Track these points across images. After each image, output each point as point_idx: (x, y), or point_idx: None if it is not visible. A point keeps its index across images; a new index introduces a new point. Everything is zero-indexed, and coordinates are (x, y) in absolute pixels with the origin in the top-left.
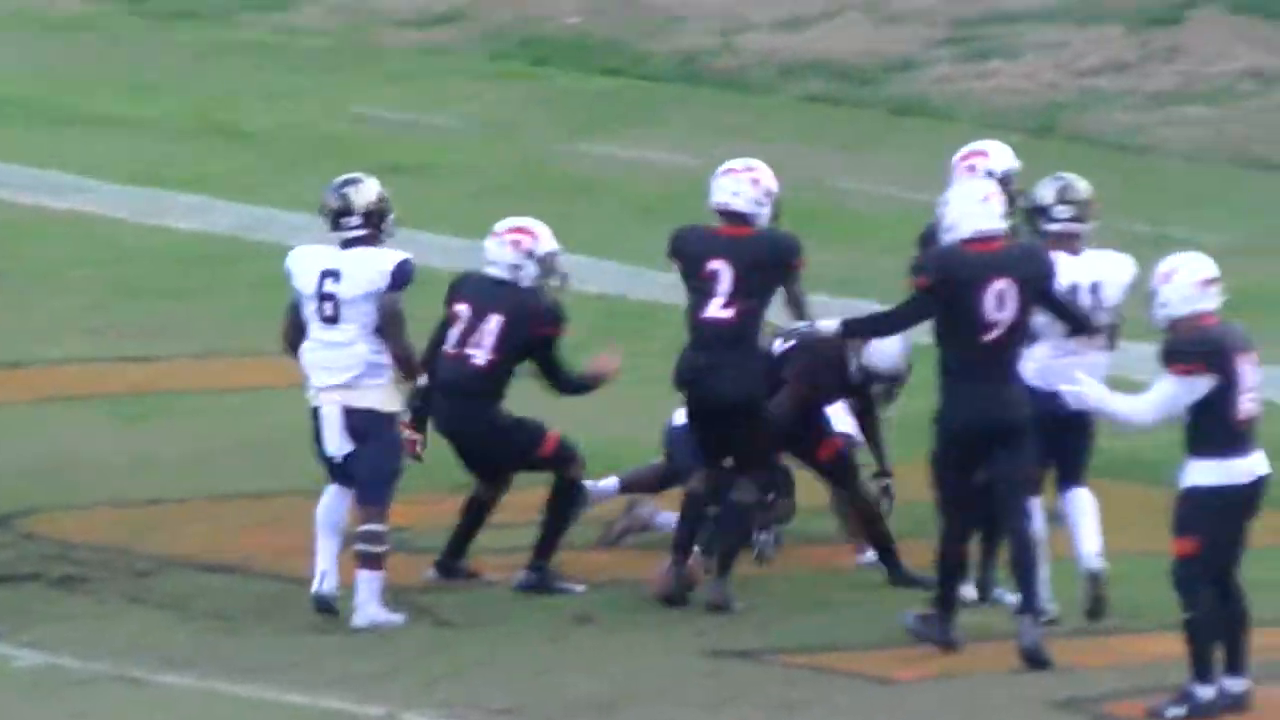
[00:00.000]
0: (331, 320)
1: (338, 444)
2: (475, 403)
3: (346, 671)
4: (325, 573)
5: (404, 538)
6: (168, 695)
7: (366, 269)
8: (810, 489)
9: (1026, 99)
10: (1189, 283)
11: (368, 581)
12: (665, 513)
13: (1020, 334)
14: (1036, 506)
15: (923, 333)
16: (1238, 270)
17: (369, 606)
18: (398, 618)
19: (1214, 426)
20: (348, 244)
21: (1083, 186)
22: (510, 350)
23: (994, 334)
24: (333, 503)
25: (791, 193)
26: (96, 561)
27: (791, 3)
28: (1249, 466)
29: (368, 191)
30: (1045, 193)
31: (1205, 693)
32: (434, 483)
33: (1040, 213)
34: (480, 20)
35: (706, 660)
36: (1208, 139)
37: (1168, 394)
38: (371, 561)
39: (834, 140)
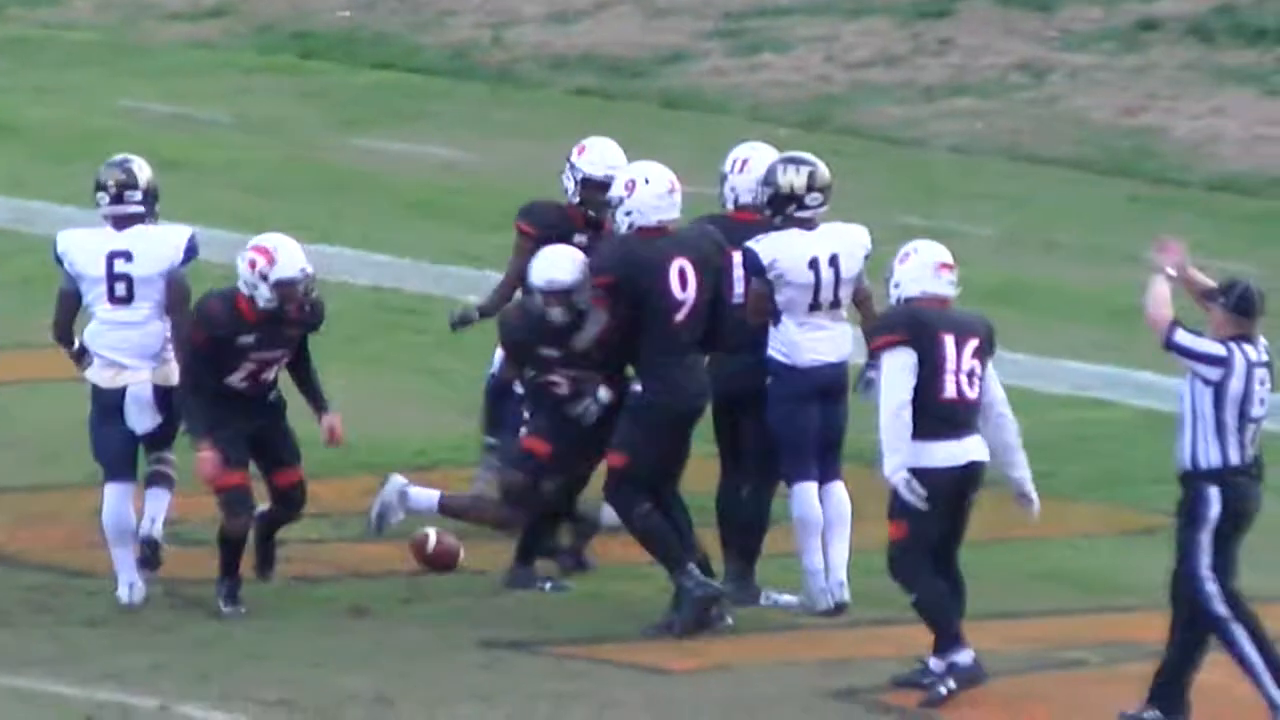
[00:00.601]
0: (125, 300)
1: (150, 420)
2: None
3: (120, 664)
4: (133, 584)
5: (178, 531)
6: (51, 710)
7: (159, 246)
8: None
9: (797, 92)
10: (923, 264)
11: (158, 498)
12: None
13: (706, 312)
14: (808, 491)
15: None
16: (1006, 263)
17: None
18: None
19: (921, 407)
20: (124, 223)
21: (824, 169)
22: None
23: (683, 314)
24: (120, 506)
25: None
26: None
27: None
28: (959, 451)
29: (147, 169)
30: (795, 180)
31: (963, 658)
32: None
33: (790, 200)
34: (250, 14)
35: (481, 652)
36: (978, 132)
37: (886, 375)
38: (165, 481)
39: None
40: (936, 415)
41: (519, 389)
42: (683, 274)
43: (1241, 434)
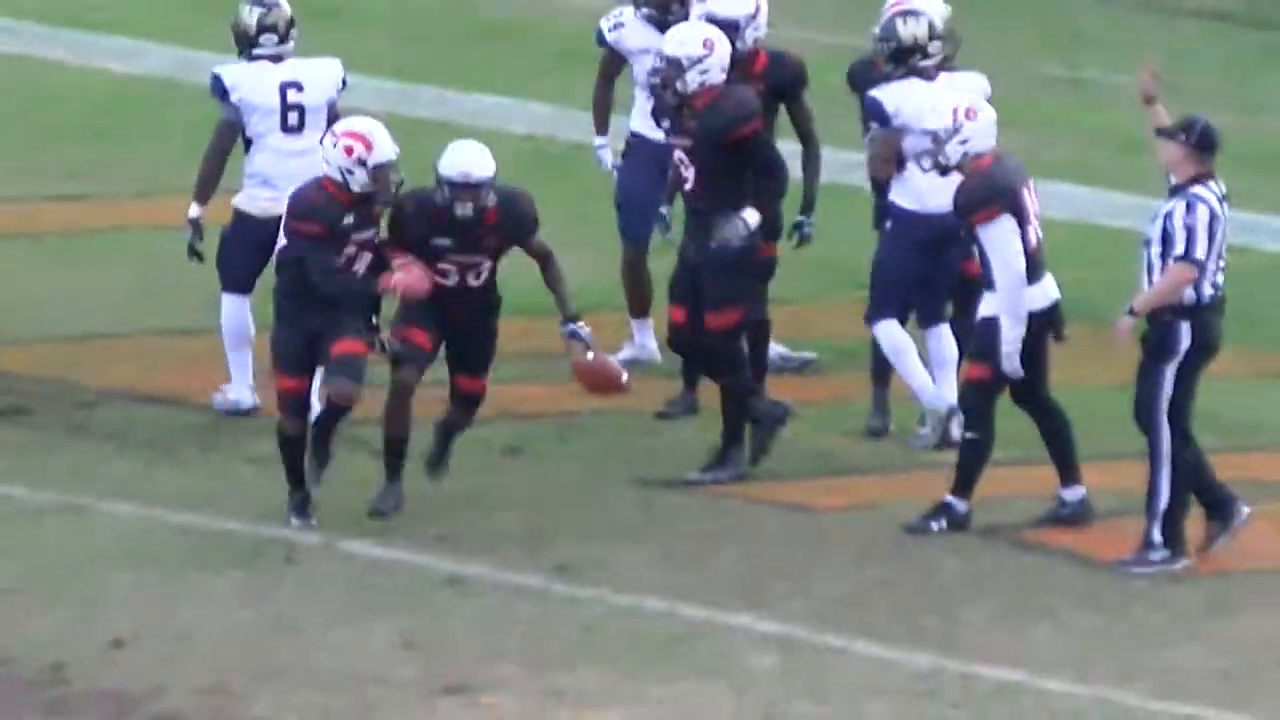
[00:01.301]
0: (296, 129)
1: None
2: None
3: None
4: (252, 388)
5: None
6: (111, 522)
7: (324, 77)
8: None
9: None
10: (989, 121)
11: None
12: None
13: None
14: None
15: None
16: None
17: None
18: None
19: None
20: (280, 60)
21: (939, 17)
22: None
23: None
24: (239, 313)
25: None
26: (38, 394)
27: None
28: (1040, 294)
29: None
30: (916, 30)
31: (961, 507)
32: None
33: (913, 50)
34: None
35: (634, 490)
36: None
37: (999, 246)
38: None
39: None
40: (1027, 264)
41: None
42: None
43: (1215, 271)
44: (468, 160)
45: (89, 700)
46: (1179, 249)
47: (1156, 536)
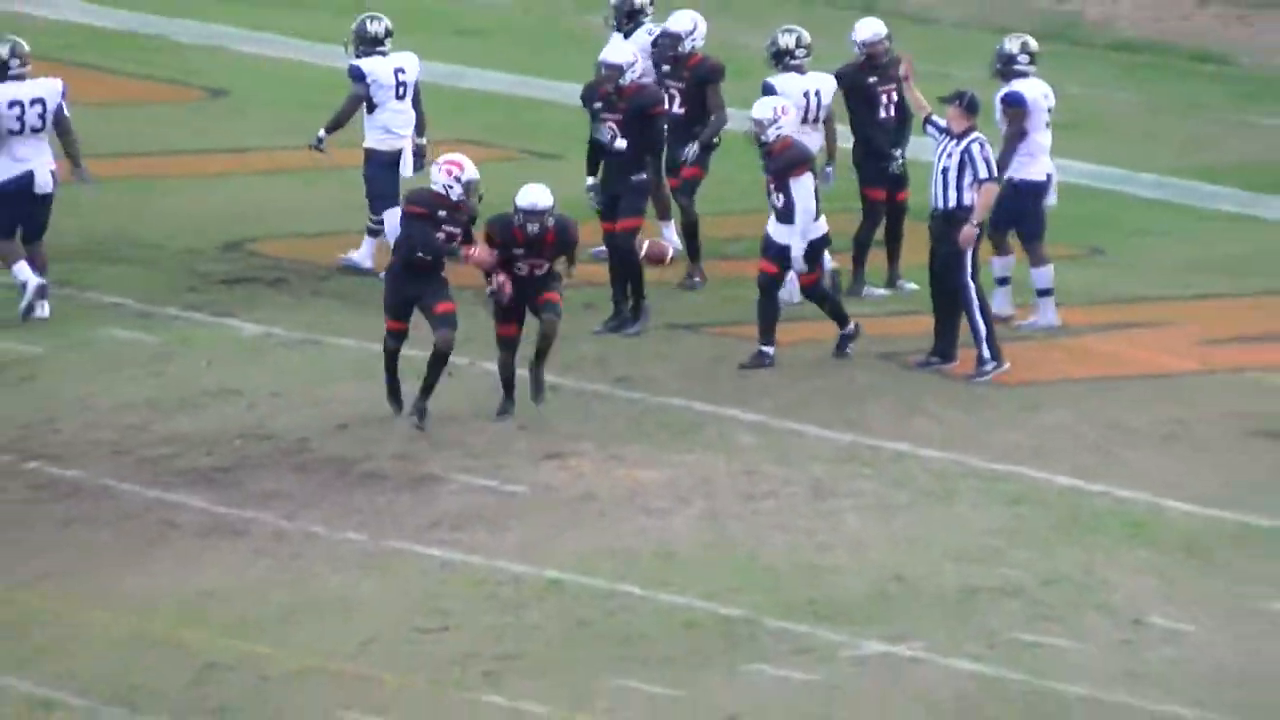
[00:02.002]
0: (402, 98)
1: (410, 169)
2: None
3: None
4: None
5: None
6: (339, 352)
7: (413, 63)
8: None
9: None
10: (795, 116)
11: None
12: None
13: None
14: None
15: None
16: None
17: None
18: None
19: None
20: (387, 54)
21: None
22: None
23: None
24: (394, 215)
25: None
26: (292, 269)
27: None
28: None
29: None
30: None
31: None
32: None
33: (787, 53)
34: None
35: (665, 330)
36: None
37: (801, 195)
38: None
39: None
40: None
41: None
42: None
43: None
44: (536, 196)
45: (323, 462)
46: (983, 173)
47: (985, 353)
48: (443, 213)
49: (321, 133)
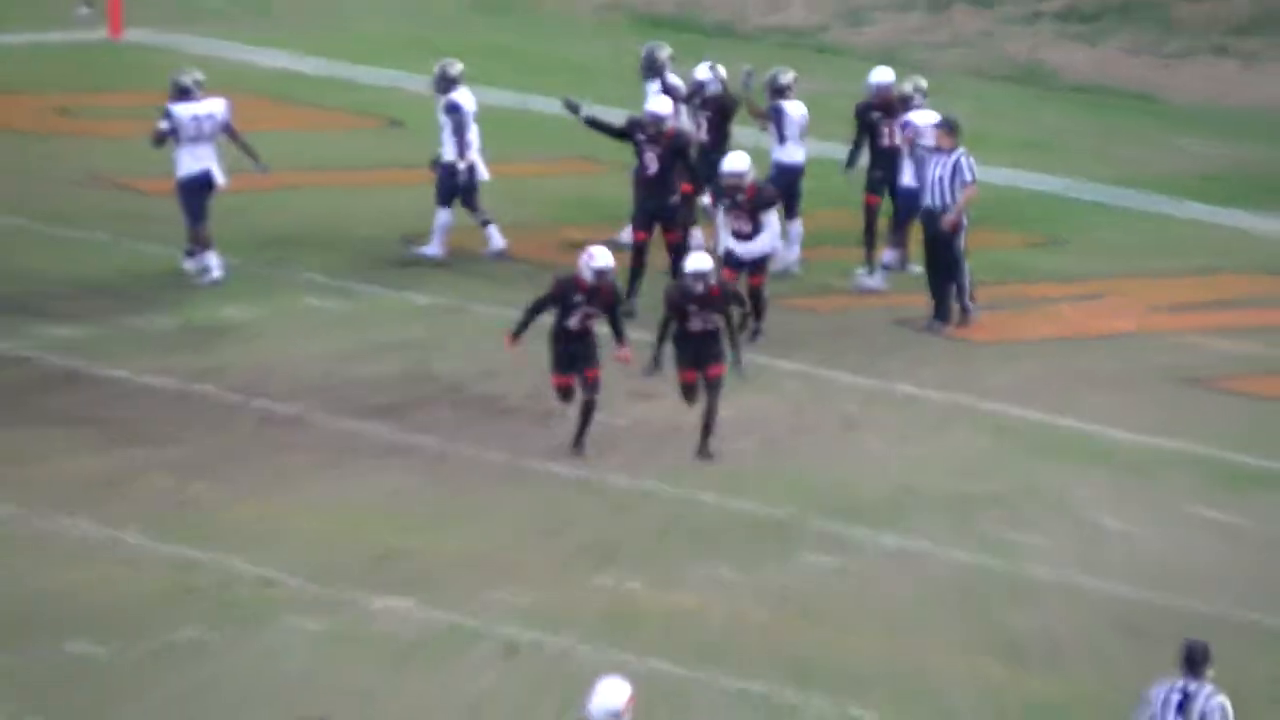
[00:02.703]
0: (476, 123)
1: (486, 173)
2: None
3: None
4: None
5: None
6: (483, 317)
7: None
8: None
9: None
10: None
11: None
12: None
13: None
14: None
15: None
16: None
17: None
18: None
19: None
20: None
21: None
22: None
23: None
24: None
25: None
26: (450, 255)
27: None
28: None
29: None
30: (786, 78)
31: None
32: None
33: (787, 89)
34: None
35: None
36: None
37: (771, 222)
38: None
39: None
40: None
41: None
42: None
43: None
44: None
45: (472, 400)
46: (968, 178)
47: (970, 303)
48: (579, 297)
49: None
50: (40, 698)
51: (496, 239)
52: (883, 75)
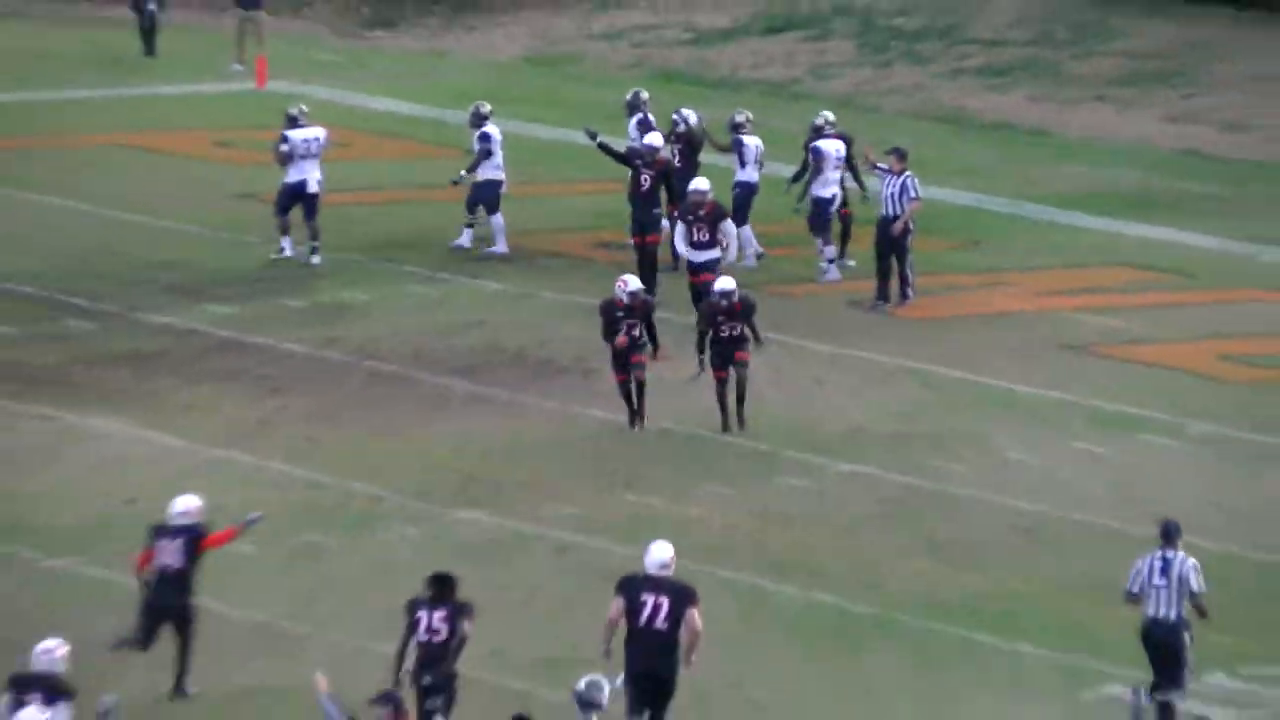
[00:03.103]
0: (501, 148)
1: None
2: None
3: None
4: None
5: None
6: (546, 301)
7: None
8: None
9: None
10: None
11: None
12: None
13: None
14: None
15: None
16: None
17: None
18: None
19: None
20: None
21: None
22: None
23: None
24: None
25: None
26: (515, 252)
27: None
28: None
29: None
30: (741, 118)
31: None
32: None
33: (744, 124)
34: None
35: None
36: None
37: (729, 233)
38: None
39: None
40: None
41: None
42: None
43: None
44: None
45: (533, 363)
46: (914, 194)
47: (910, 290)
48: (620, 313)
49: (463, 173)
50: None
51: (465, 238)
52: (824, 116)
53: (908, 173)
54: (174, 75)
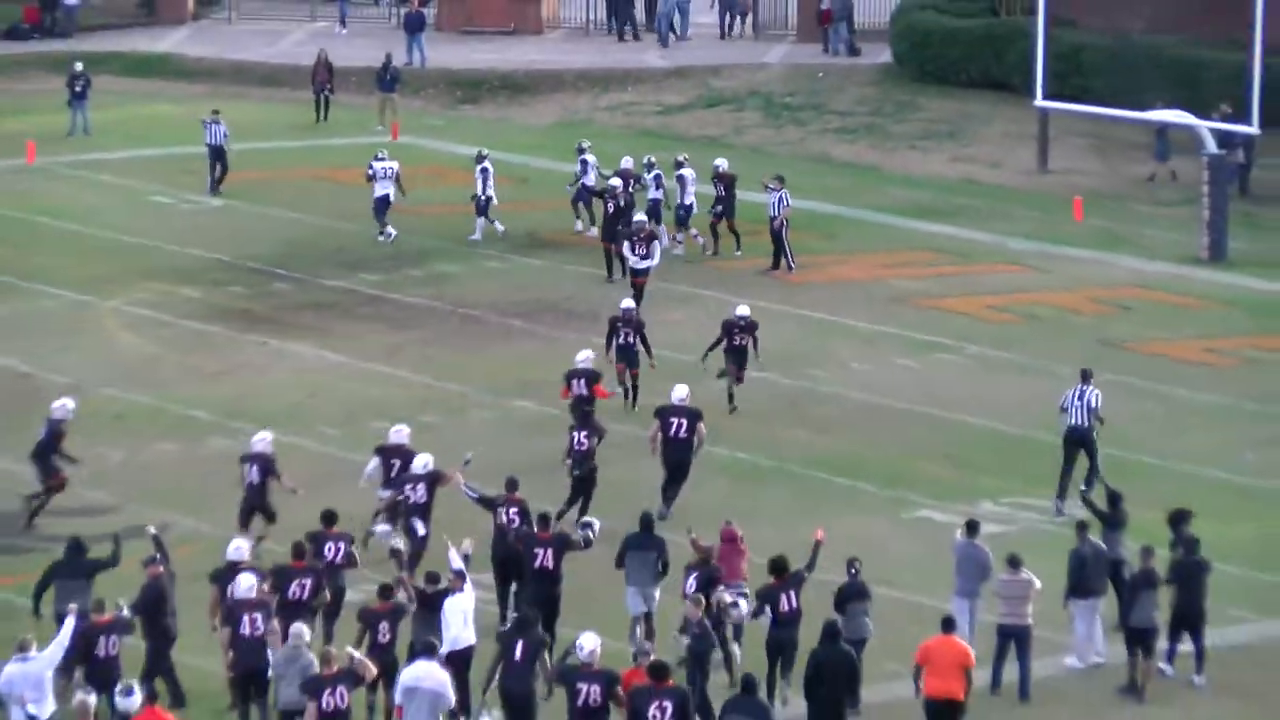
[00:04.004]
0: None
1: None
2: None
3: None
4: None
5: None
6: (570, 274)
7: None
8: None
9: None
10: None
11: None
12: None
13: None
14: None
15: None
16: None
17: None
18: None
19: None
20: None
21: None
22: None
23: None
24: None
25: None
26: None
27: None
28: None
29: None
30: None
31: None
32: None
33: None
34: None
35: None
36: None
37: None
38: None
39: None
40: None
41: None
42: None
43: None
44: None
45: (562, 314)
46: (788, 204)
47: (792, 264)
48: (620, 325)
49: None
50: None
51: (480, 232)
52: (720, 161)
53: (784, 190)
54: (340, 133)
